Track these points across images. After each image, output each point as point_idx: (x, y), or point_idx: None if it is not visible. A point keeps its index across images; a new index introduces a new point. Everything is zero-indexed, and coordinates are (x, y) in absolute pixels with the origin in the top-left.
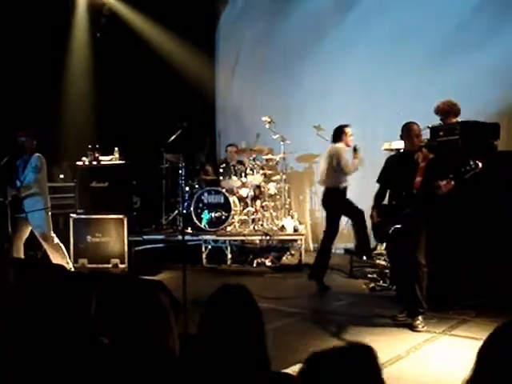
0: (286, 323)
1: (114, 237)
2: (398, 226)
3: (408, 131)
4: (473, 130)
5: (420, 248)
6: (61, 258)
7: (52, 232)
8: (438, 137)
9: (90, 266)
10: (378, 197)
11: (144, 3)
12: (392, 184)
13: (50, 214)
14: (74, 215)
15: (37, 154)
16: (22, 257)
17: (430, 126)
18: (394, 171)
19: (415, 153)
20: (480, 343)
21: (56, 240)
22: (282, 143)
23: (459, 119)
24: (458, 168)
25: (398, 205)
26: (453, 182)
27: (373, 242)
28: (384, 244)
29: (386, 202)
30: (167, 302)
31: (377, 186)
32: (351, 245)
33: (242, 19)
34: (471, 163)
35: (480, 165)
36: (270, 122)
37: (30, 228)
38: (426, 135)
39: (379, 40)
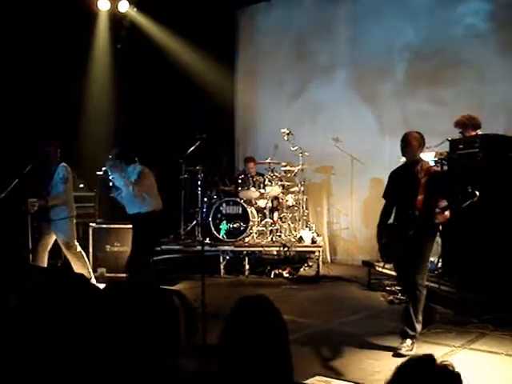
0: (302, 335)
1: None
2: (403, 247)
3: (408, 141)
4: (493, 143)
5: (421, 269)
6: (82, 266)
7: (75, 241)
8: (457, 150)
9: (108, 275)
10: (384, 214)
11: (164, 15)
12: (396, 201)
13: (74, 222)
14: (94, 224)
15: (63, 164)
16: (45, 265)
17: (449, 138)
18: (397, 187)
19: (415, 165)
20: (499, 357)
21: (79, 248)
22: (300, 155)
23: (479, 132)
24: (457, 195)
25: (401, 225)
26: (447, 213)
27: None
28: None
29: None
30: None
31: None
32: (369, 256)
33: (262, 32)
34: (469, 191)
35: (477, 193)
36: (288, 134)
37: (54, 237)
38: (445, 148)
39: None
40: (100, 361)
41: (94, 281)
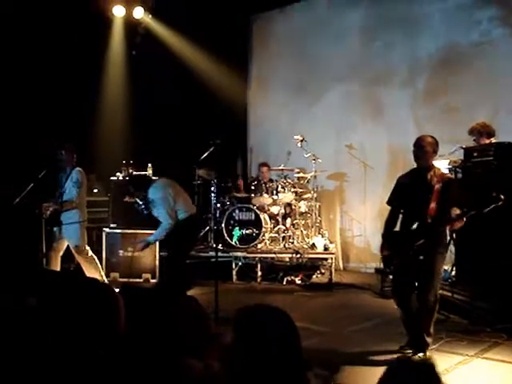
0: (314, 342)
1: (145, 252)
2: (408, 258)
3: (422, 145)
4: (507, 151)
5: (434, 285)
6: (94, 270)
7: (86, 245)
8: (471, 157)
9: (121, 280)
10: (389, 222)
11: (179, 22)
12: (404, 208)
13: (85, 227)
14: (107, 229)
15: (77, 169)
16: (58, 269)
17: (463, 146)
18: (406, 193)
19: (427, 171)
20: None
21: (90, 253)
22: (313, 161)
23: (493, 140)
24: (479, 200)
25: (410, 234)
26: (464, 219)
27: None
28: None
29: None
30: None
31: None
32: (382, 264)
33: (276, 38)
34: (494, 195)
35: (502, 197)
36: (301, 141)
37: (66, 242)
38: (459, 155)
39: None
40: (111, 361)
41: None
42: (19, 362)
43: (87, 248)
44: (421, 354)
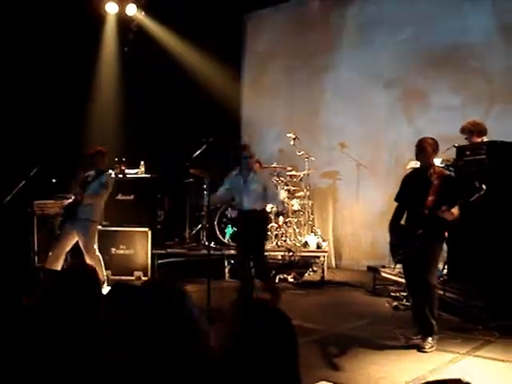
0: (306, 340)
1: (137, 249)
2: (411, 247)
3: (423, 146)
4: (500, 149)
5: (432, 269)
6: (98, 271)
7: (95, 245)
8: (464, 156)
9: (113, 277)
10: (396, 215)
11: (172, 19)
12: (407, 202)
13: (97, 227)
14: (99, 227)
15: (109, 172)
16: (59, 266)
17: (456, 145)
18: (409, 189)
19: (428, 169)
20: (504, 365)
21: (97, 252)
22: (306, 160)
23: (485, 138)
24: (466, 191)
25: (411, 225)
26: (454, 210)
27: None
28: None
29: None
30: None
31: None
32: (374, 262)
33: (269, 36)
34: (477, 186)
35: (484, 187)
36: (294, 139)
37: (75, 238)
38: (452, 154)
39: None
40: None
41: (106, 284)
42: (15, 363)
43: (95, 248)
44: (430, 339)
